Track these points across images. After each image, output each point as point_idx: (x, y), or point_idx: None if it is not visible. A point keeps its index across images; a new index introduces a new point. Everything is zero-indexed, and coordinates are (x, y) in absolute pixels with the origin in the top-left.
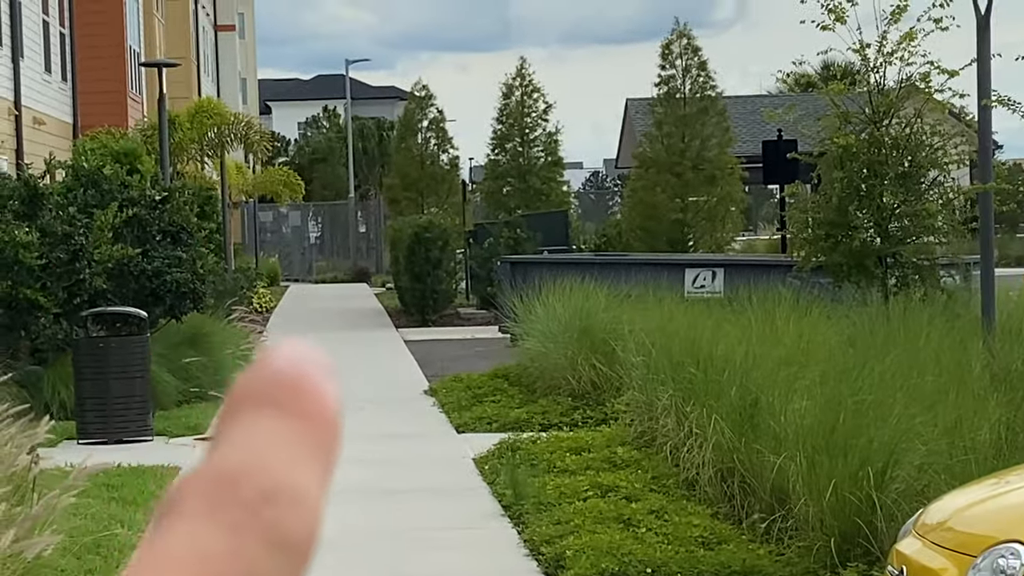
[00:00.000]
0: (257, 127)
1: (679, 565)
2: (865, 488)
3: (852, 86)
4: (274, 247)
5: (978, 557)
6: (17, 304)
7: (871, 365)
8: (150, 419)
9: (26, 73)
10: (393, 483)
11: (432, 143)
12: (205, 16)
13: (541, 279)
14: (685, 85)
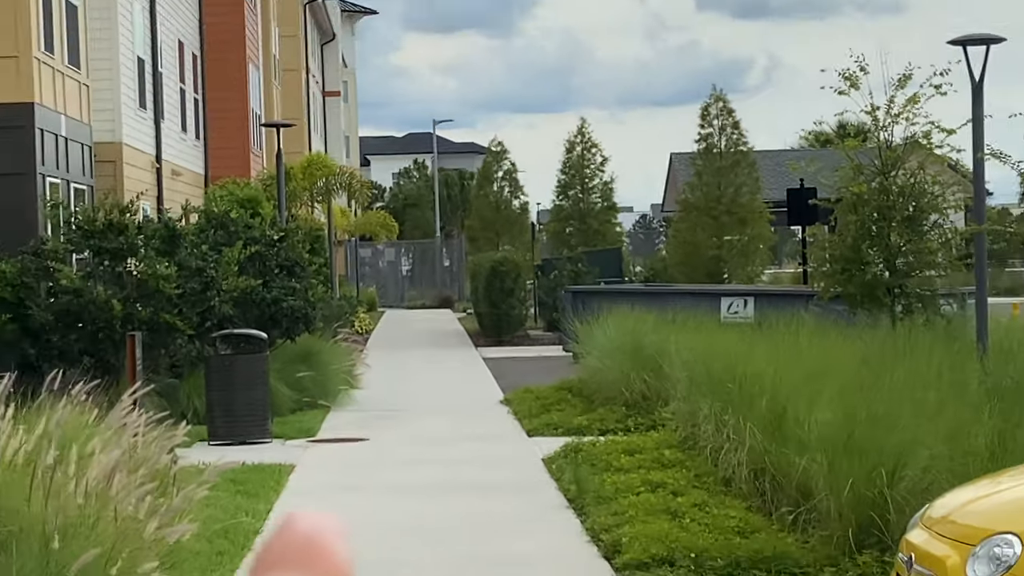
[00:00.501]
0: (358, 178)
1: (718, 551)
2: (878, 486)
3: (864, 142)
4: (372, 278)
5: (977, 546)
6: (158, 327)
7: (882, 381)
8: (269, 424)
9: (166, 132)
10: (473, 479)
11: (506, 190)
12: (315, 84)
13: (598, 306)
14: (721, 141)
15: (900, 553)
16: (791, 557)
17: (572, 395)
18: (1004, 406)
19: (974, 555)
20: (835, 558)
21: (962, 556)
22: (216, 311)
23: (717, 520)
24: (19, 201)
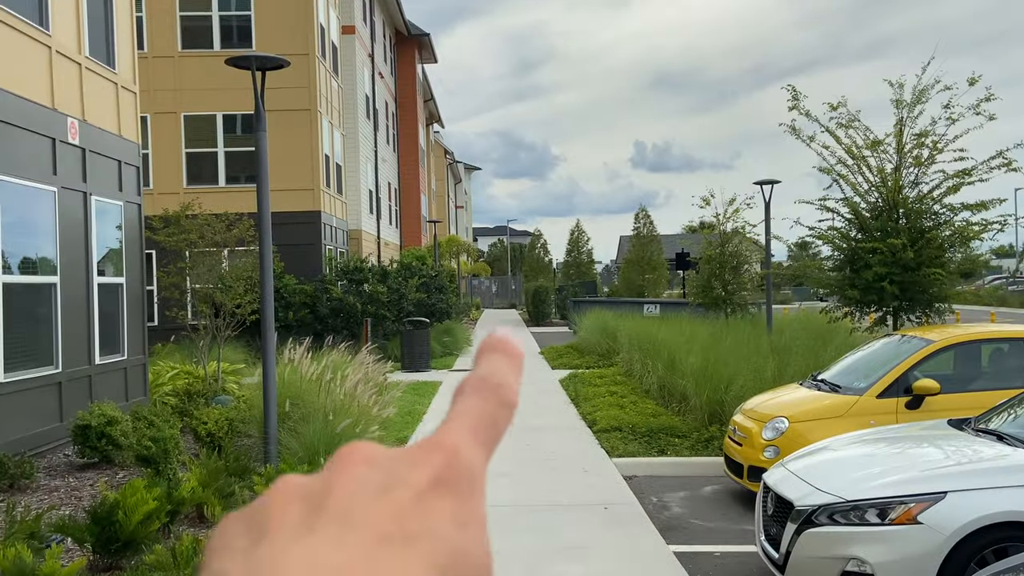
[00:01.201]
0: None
1: (642, 424)
2: (719, 394)
3: (712, 230)
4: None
5: (766, 423)
6: (378, 316)
7: (720, 344)
8: (430, 362)
9: (382, 225)
10: (524, 389)
11: (540, 253)
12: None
13: (586, 308)
14: (643, 229)
15: (730, 426)
16: (677, 427)
17: (573, 350)
18: (778, 356)
19: (764, 427)
20: (699, 427)
21: (759, 427)
22: (405, 309)
23: (641, 410)
24: (314, 258)
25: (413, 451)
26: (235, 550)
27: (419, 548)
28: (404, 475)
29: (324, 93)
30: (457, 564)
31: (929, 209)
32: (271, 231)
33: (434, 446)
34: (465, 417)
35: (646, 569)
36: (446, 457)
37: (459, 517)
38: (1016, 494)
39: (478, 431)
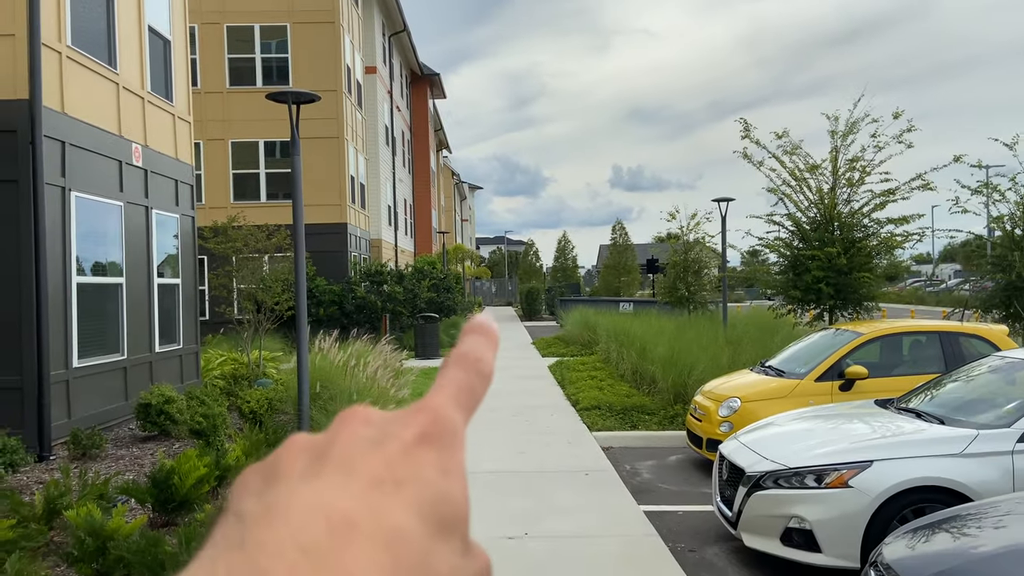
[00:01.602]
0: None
1: (618, 403)
2: (683, 378)
3: (677, 240)
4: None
5: (722, 402)
6: (396, 312)
7: (684, 335)
8: (439, 351)
9: (398, 235)
10: (521, 373)
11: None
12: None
13: (571, 306)
14: (619, 239)
15: (692, 405)
16: (647, 406)
17: (560, 342)
18: (732, 347)
19: (720, 405)
20: (665, 406)
21: (716, 406)
22: (418, 306)
23: (617, 391)
24: (340, 263)
25: (403, 413)
26: (252, 492)
27: (407, 490)
28: (395, 431)
29: (350, 123)
30: (439, 504)
31: (859, 223)
32: (304, 240)
33: (421, 408)
34: (448, 386)
35: (620, 525)
36: (431, 416)
37: (442, 466)
38: (931, 463)
39: (459, 397)
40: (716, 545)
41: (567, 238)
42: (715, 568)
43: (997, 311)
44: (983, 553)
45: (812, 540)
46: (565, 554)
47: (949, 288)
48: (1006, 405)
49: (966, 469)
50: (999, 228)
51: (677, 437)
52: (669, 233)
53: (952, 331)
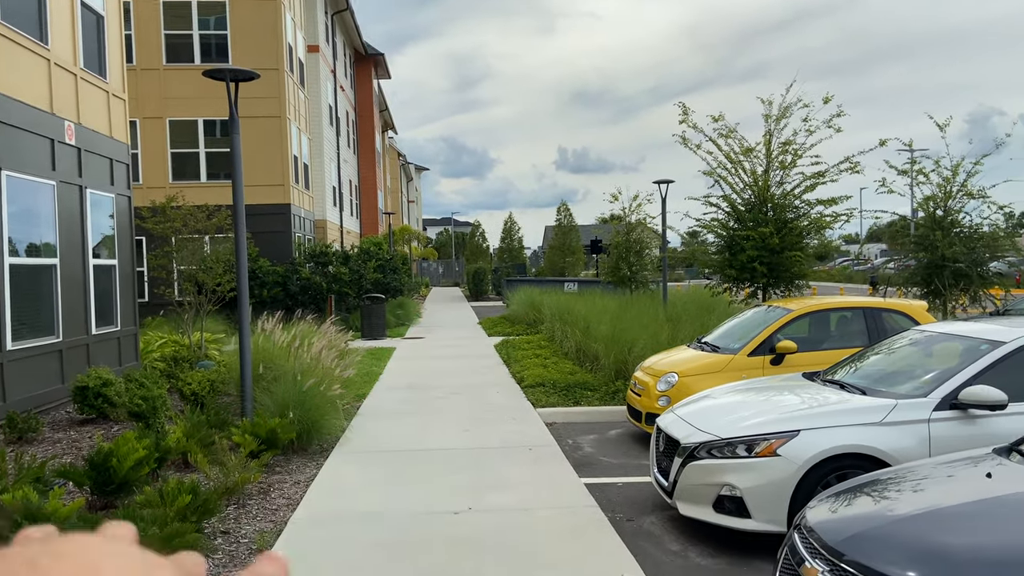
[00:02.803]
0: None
1: (561, 380)
2: (624, 355)
3: (620, 221)
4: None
5: (660, 377)
6: (341, 294)
7: (626, 313)
8: (386, 331)
9: (344, 215)
10: (467, 352)
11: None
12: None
13: (517, 286)
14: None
15: (632, 380)
16: (590, 382)
17: (505, 321)
18: (672, 324)
19: (659, 380)
20: (607, 382)
21: (655, 381)
22: (364, 287)
23: (561, 369)
24: (284, 244)
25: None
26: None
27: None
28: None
29: (292, 103)
30: None
31: (791, 204)
32: (246, 220)
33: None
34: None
35: (562, 497)
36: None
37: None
38: (854, 431)
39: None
40: (653, 514)
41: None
42: (652, 536)
43: (919, 288)
44: (899, 515)
45: (743, 507)
46: (508, 526)
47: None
48: (924, 376)
49: (886, 437)
50: (922, 209)
51: (618, 412)
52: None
53: (875, 307)
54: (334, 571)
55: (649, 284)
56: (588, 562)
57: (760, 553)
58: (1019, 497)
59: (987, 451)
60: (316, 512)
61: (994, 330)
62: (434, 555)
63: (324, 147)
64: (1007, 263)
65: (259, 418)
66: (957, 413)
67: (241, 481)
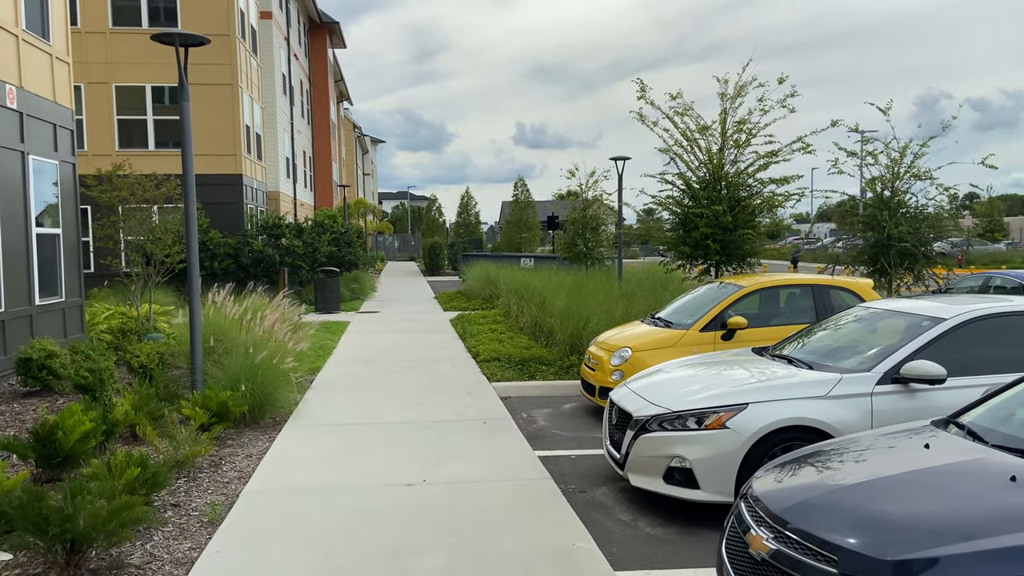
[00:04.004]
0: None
1: (517, 355)
2: (579, 330)
3: (576, 197)
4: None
5: (614, 352)
6: (294, 267)
7: (582, 289)
8: (340, 305)
9: (298, 187)
10: (422, 327)
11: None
12: (359, 170)
13: (473, 261)
14: (521, 196)
15: (586, 355)
16: (545, 357)
17: (461, 296)
18: (626, 300)
19: (613, 355)
20: (562, 357)
21: (609, 355)
22: (318, 260)
23: (516, 343)
24: (236, 215)
25: None
26: None
27: None
28: None
29: (244, 70)
30: None
31: (745, 182)
32: (196, 190)
33: None
34: None
35: (516, 469)
36: None
37: None
38: (800, 404)
39: None
40: (605, 486)
41: (470, 194)
42: (603, 507)
43: (865, 267)
44: (841, 484)
45: (692, 478)
46: (462, 498)
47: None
48: (868, 351)
49: (830, 410)
50: (871, 190)
51: (572, 386)
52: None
53: (823, 284)
54: (286, 543)
55: (605, 260)
56: (540, 532)
57: (708, 523)
58: (954, 467)
59: (926, 423)
60: (269, 485)
61: (935, 307)
62: (387, 526)
63: (277, 117)
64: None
65: (210, 391)
66: (898, 387)
67: (192, 454)
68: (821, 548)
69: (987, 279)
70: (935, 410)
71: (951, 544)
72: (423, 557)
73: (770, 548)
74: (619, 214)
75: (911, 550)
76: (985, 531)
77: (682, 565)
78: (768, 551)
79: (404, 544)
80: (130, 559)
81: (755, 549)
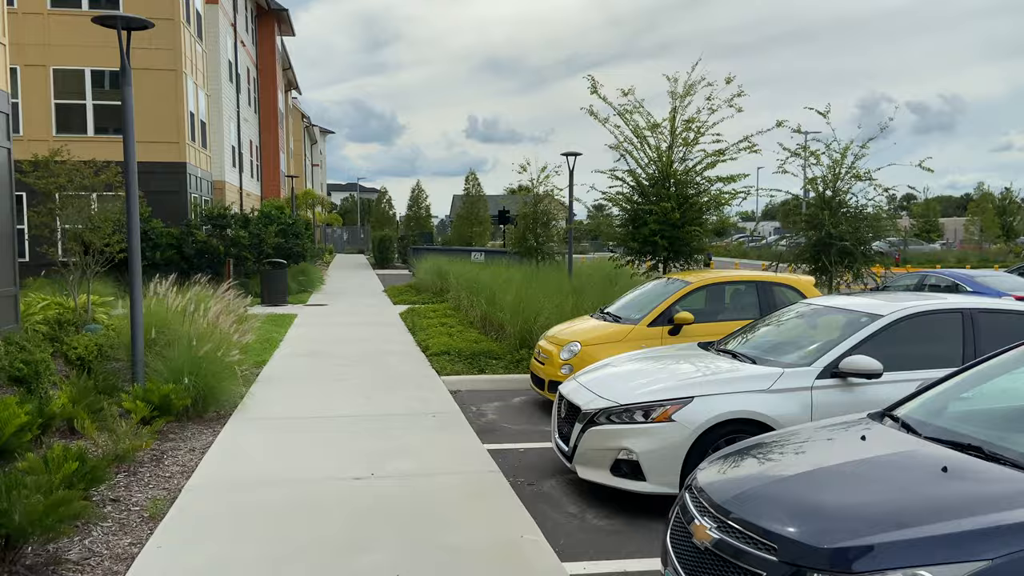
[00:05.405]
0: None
1: (467, 348)
2: (528, 324)
3: (527, 192)
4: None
5: (564, 346)
6: (240, 258)
7: (532, 284)
8: (287, 298)
9: (244, 178)
10: (372, 320)
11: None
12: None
13: (423, 255)
14: (472, 190)
15: (536, 349)
16: (495, 351)
17: (411, 289)
18: (576, 295)
19: (562, 349)
20: (512, 351)
21: (558, 349)
22: (265, 251)
23: (466, 337)
24: (180, 204)
25: None
26: None
27: None
28: None
29: (189, 56)
30: None
31: (693, 180)
32: (137, 178)
33: None
34: None
35: (465, 463)
36: None
37: None
38: (743, 397)
39: None
40: (553, 478)
41: (421, 187)
42: (551, 499)
43: (807, 264)
44: (781, 475)
45: (638, 470)
46: (410, 491)
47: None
48: (808, 347)
49: (772, 403)
50: (813, 189)
51: (522, 380)
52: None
53: (767, 281)
54: (230, 537)
55: (555, 255)
56: (488, 524)
57: (653, 514)
58: (889, 458)
59: (863, 416)
60: (212, 479)
61: (873, 304)
62: (333, 520)
63: (223, 104)
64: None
65: (151, 384)
66: (837, 381)
67: (132, 448)
68: (762, 537)
69: (922, 277)
70: (872, 403)
71: (885, 532)
72: (370, 551)
73: (713, 537)
74: (570, 209)
75: (847, 538)
76: (917, 520)
77: (628, 555)
78: (711, 540)
79: (351, 538)
80: (68, 555)
81: (699, 539)
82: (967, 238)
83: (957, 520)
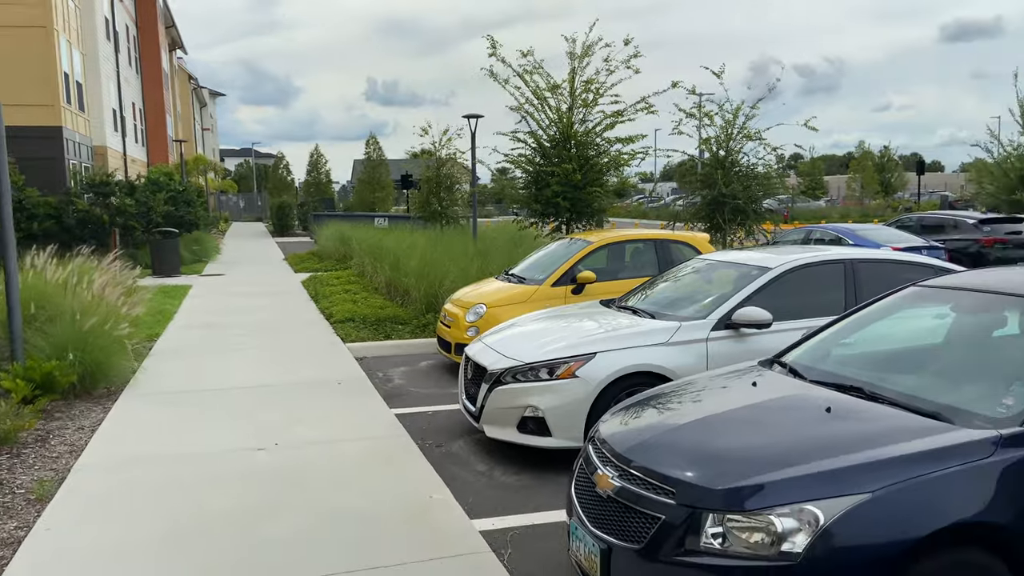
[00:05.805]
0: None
1: (372, 315)
2: (434, 288)
3: (430, 156)
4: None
5: (469, 308)
6: (127, 228)
7: (436, 248)
8: (180, 268)
9: (128, 143)
10: (270, 290)
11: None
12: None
13: (326, 221)
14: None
15: (442, 313)
16: (401, 316)
17: (314, 257)
18: (481, 258)
19: (468, 312)
20: (418, 316)
21: (464, 312)
22: (154, 220)
23: (371, 303)
24: (57, 171)
25: None
26: None
27: None
28: None
29: (61, 12)
30: None
31: (593, 141)
32: (8, 144)
33: None
34: None
35: (372, 428)
36: None
37: None
38: (643, 351)
39: None
40: (461, 439)
41: (320, 152)
42: (459, 459)
43: (703, 223)
44: (679, 423)
45: (544, 426)
46: (315, 460)
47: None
48: (703, 300)
49: (670, 355)
50: (707, 149)
51: (428, 344)
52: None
53: (665, 239)
54: (126, 516)
55: (459, 219)
56: (397, 486)
57: (559, 468)
58: (778, 402)
59: (754, 364)
60: (103, 458)
61: (763, 258)
62: (236, 493)
63: (101, 64)
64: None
65: (32, 361)
66: (731, 332)
67: (14, 428)
68: (661, 482)
69: (808, 232)
70: (763, 352)
71: (774, 471)
72: (275, 522)
73: (615, 486)
74: (473, 173)
75: (739, 479)
76: (803, 458)
77: (536, 509)
78: (614, 488)
79: (255, 510)
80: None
81: (602, 487)
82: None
83: (840, 457)
